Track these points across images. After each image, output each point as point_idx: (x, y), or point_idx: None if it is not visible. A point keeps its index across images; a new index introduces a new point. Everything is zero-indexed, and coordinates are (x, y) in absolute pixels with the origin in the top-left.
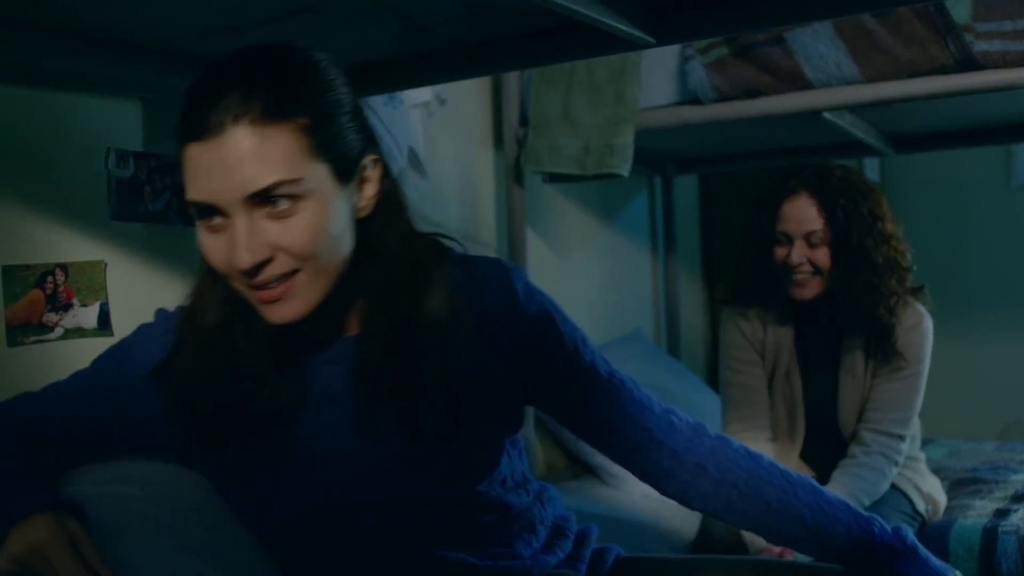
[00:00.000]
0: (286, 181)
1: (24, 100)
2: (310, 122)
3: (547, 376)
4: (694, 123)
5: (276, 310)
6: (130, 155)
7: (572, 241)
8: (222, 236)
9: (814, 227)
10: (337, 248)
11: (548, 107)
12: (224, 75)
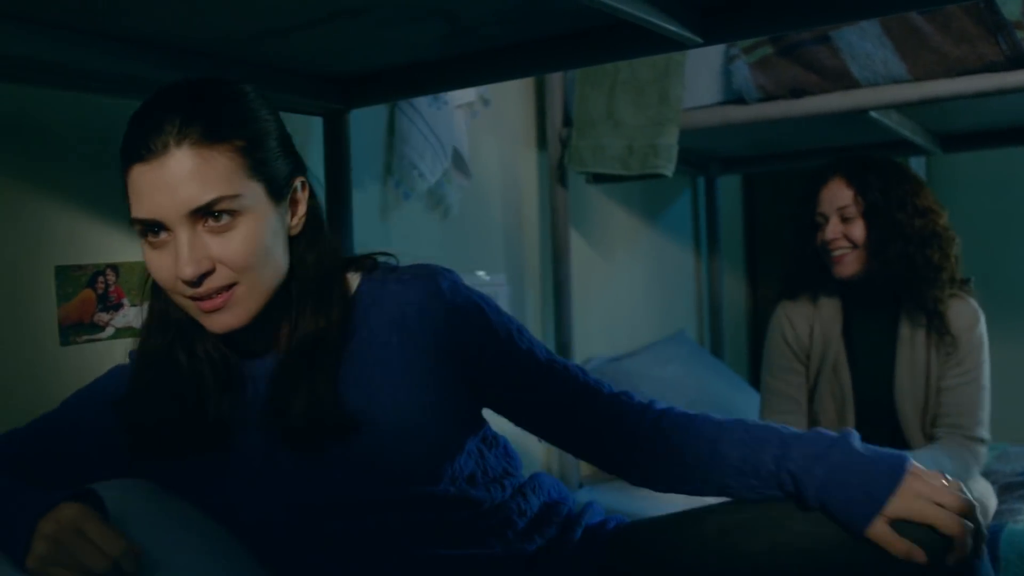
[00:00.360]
0: (226, 197)
1: (76, 104)
2: (244, 145)
3: (486, 368)
4: (738, 123)
5: (217, 319)
6: None
7: (615, 242)
8: (166, 251)
9: (845, 201)
10: (271, 262)
11: (592, 107)
12: (165, 103)
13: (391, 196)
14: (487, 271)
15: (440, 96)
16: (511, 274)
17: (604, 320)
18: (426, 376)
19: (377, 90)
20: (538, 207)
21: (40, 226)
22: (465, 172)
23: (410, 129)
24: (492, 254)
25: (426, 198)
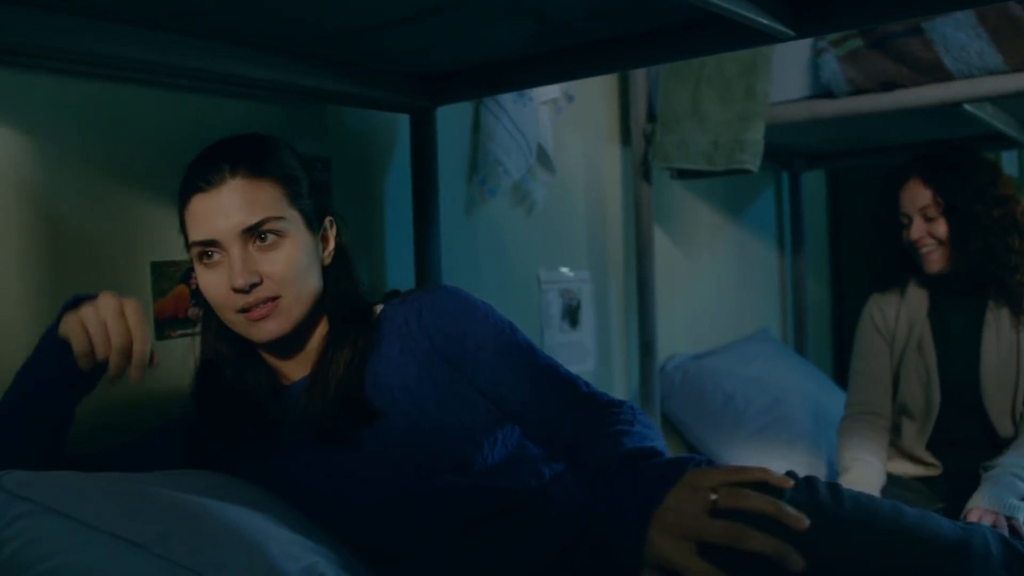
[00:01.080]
0: (272, 218)
1: (171, 102)
2: (283, 179)
3: (466, 349)
4: (826, 118)
5: (263, 327)
6: None
7: (699, 238)
8: (219, 270)
9: (925, 202)
10: (308, 280)
11: (676, 103)
12: (219, 149)
13: (476, 193)
14: (571, 267)
15: (525, 92)
16: (594, 271)
17: (687, 317)
18: (425, 372)
19: (464, 87)
20: (622, 203)
21: (137, 223)
22: (549, 168)
23: (495, 126)
24: (576, 250)
25: (511, 195)
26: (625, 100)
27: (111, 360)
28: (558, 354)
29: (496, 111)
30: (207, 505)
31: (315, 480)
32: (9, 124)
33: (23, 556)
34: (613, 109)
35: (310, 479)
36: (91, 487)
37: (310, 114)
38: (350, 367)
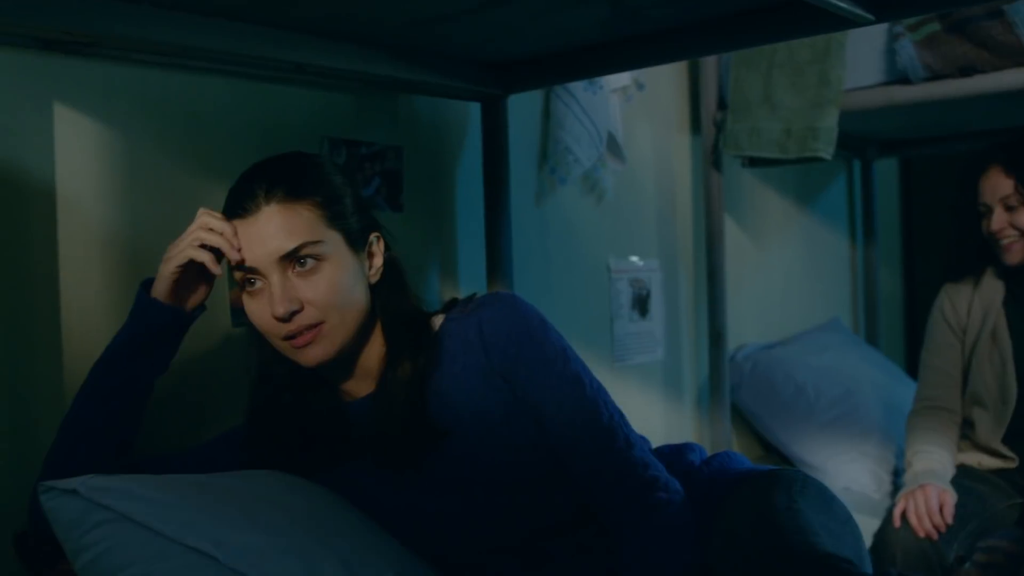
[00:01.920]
0: (309, 243)
1: (246, 93)
2: (322, 200)
3: (521, 378)
4: (902, 104)
5: (308, 353)
6: (342, 143)
7: (769, 227)
8: (262, 298)
9: (1006, 191)
10: (353, 302)
11: (748, 90)
12: (257, 172)
13: (546, 182)
14: (640, 256)
15: (596, 80)
16: (664, 260)
17: (757, 307)
18: (488, 388)
19: (535, 75)
20: (691, 192)
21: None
22: (620, 157)
23: (566, 114)
24: (645, 239)
25: (581, 183)
26: (695, 88)
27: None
28: (627, 344)
29: (567, 99)
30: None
31: (383, 495)
32: (90, 115)
33: (102, 564)
34: (683, 97)
35: (377, 493)
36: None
37: (382, 103)
38: (411, 387)
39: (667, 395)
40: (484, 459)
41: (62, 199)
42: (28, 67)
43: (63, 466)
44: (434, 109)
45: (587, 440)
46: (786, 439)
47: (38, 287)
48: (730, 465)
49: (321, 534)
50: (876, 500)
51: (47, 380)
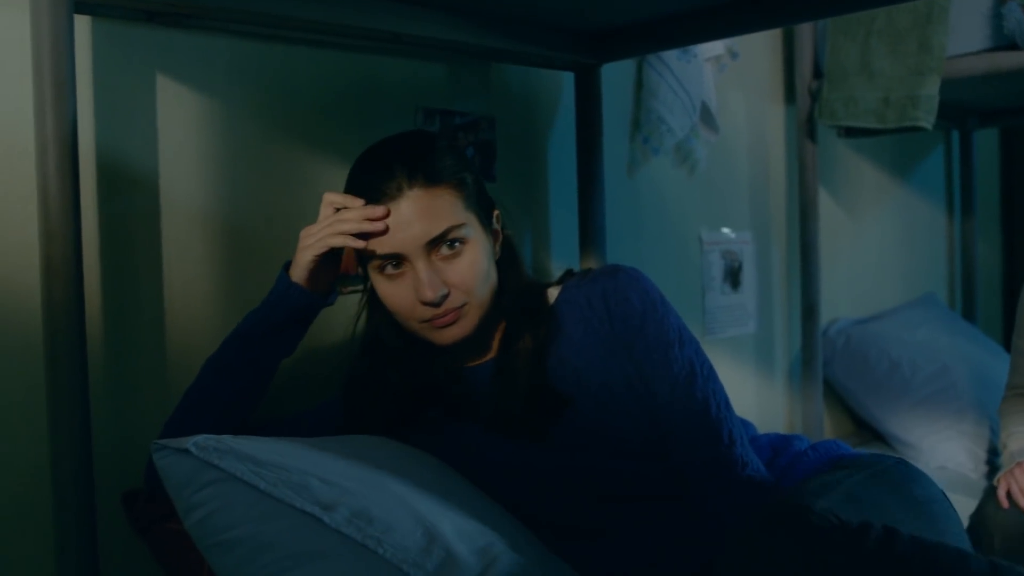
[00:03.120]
0: (455, 226)
1: (345, 62)
2: (459, 183)
3: (640, 356)
4: (1008, 71)
5: (448, 332)
6: (437, 113)
7: (864, 199)
8: (403, 282)
9: None
10: (489, 281)
11: (845, 58)
12: (390, 153)
13: (639, 152)
14: (733, 228)
15: (689, 49)
16: (757, 232)
17: (851, 280)
18: (610, 354)
19: (629, 44)
20: (785, 163)
21: (308, 182)
22: (713, 127)
23: (659, 83)
24: (738, 211)
25: (673, 154)
26: (790, 56)
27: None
28: (719, 317)
29: (660, 68)
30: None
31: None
32: (190, 88)
33: (211, 522)
34: (777, 66)
35: (487, 456)
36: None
37: (475, 73)
38: (532, 357)
39: (758, 369)
40: (603, 425)
41: (163, 173)
42: (131, 40)
43: (181, 432)
44: (527, 79)
45: (694, 430)
46: (880, 416)
47: (141, 259)
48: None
49: (429, 497)
50: (973, 480)
51: (150, 351)
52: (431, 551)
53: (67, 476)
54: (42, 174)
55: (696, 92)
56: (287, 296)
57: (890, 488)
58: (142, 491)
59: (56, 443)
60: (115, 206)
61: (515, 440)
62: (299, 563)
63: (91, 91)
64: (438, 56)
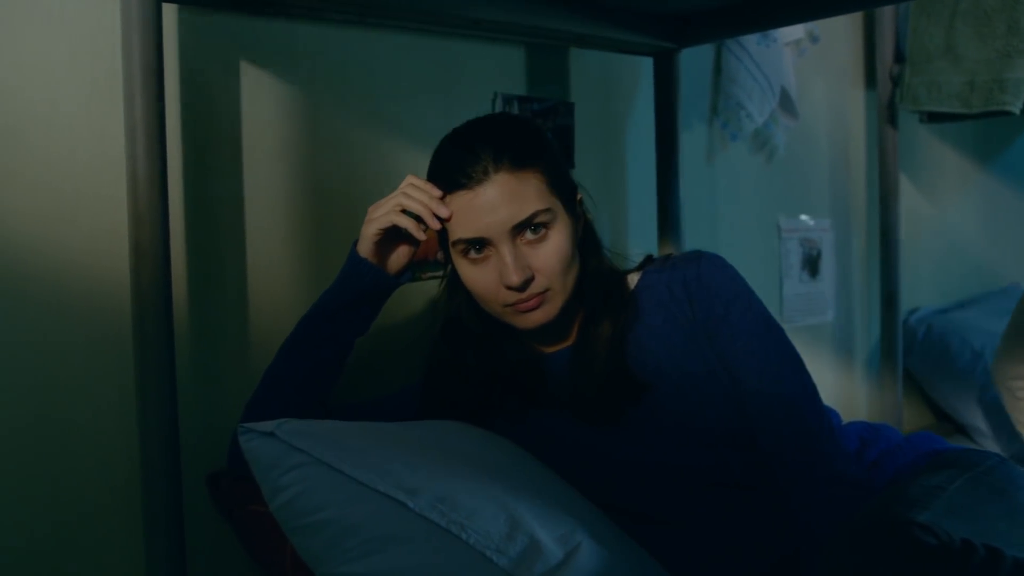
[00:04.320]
0: (541, 211)
1: (425, 48)
2: (545, 167)
3: (723, 343)
4: None
5: (531, 317)
6: (514, 99)
7: (946, 185)
8: (487, 266)
9: None
10: (574, 266)
11: (928, 41)
12: (476, 136)
13: (717, 138)
14: (811, 215)
15: (769, 33)
16: (836, 219)
17: (932, 269)
18: (691, 342)
19: (709, 28)
20: (865, 148)
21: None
22: (792, 112)
23: (738, 68)
24: (817, 198)
25: (752, 140)
26: (871, 40)
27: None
28: (797, 305)
29: (739, 53)
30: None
31: (573, 443)
32: (274, 74)
33: (296, 505)
34: (858, 50)
35: (567, 442)
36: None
37: (553, 58)
38: (612, 342)
39: (837, 358)
40: (683, 413)
41: (247, 158)
42: (216, 27)
43: (261, 414)
44: (605, 65)
45: (782, 421)
46: (960, 407)
47: (225, 244)
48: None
49: (511, 484)
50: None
51: (234, 334)
52: (514, 537)
53: (155, 457)
54: (131, 159)
55: (775, 77)
56: (355, 270)
57: (994, 493)
58: (226, 473)
59: (144, 424)
60: (200, 191)
61: (594, 426)
62: (383, 546)
63: (177, 78)
64: (517, 41)
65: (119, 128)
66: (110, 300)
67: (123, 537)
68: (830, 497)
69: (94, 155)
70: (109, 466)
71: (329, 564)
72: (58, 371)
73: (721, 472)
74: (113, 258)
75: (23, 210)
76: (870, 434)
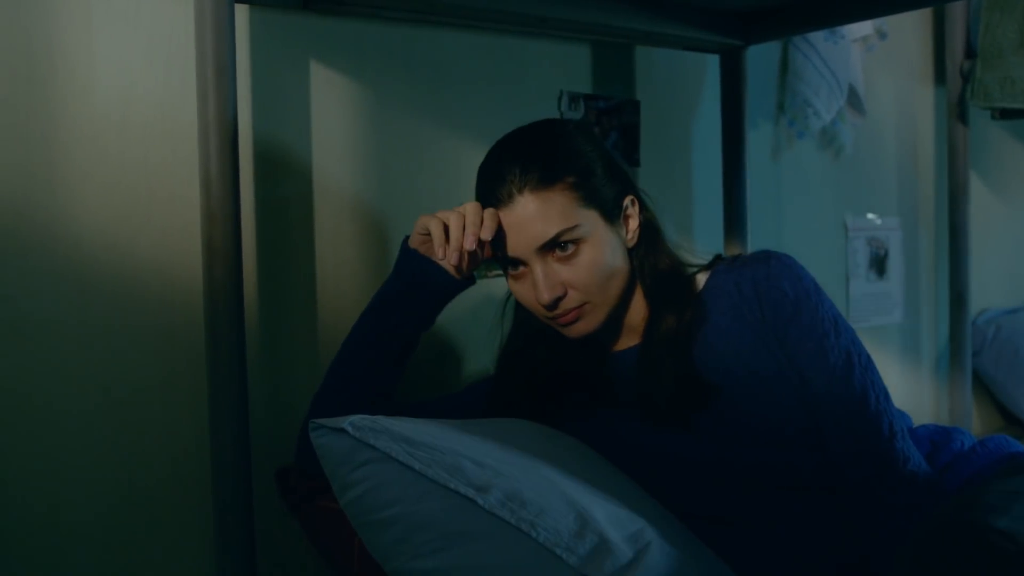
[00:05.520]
0: (566, 229)
1: (492, 46)
2: (575, 180)
3: (792, 346)
4: None
5: (573, 328)
6: (580, 97)
7: (1018, 183)
8: (525, 281)
9: None
10: (614, 276)
11: (1001, 36)
12: (505, 155)
13: (783, 135)
14: (879, 214)
15: (837, 30)
16: (904, 217)
17: (1002, 269)
18: (760, 343)
19: (776, 25)
20: (934, 146)
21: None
22: (860, 109)
23: (804, 65)
24: (884, 196)
25: (819, 137)
26: (940, 35)
27: (452, 237)
28: (864, 305)
29: (806, 50)
30: (535, 463)
31: (639, 443)
32: (343, 74)
33: (366, 501)
34: (927, 46)
35: (633, 441)
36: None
37: (619, 56)
38: (677, 343)
39: (904, 359)
40: (752, 415)
41: (316, 157)
42: (286, 27)
43: (326, 409)
44: (671, 62)
45: (853, 423)
46: None
47: (295, 242)
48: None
49: (579, 482)
50: None
51: (303, 331)
52: (584, 536)
53: (226, 452)
54: (204, 157)
55: (843, 74)
56: (405, 263)
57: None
58: (294, 468)
59: (216, 419)
60: (270, 190)
61: (661, 427)
62: (453, 543)
63: (248, 77)
64: (583, 39)
65: (192, 128)
66: (183, 297)
67: (194, 531)
68: (902, 501)
69: (167, 154)
70: (181, 461)
71: (398, 560)
72: (132, 367)
73: (790, 474)
74: (186, 256)
75: (98, 210)
76: (942, 437)
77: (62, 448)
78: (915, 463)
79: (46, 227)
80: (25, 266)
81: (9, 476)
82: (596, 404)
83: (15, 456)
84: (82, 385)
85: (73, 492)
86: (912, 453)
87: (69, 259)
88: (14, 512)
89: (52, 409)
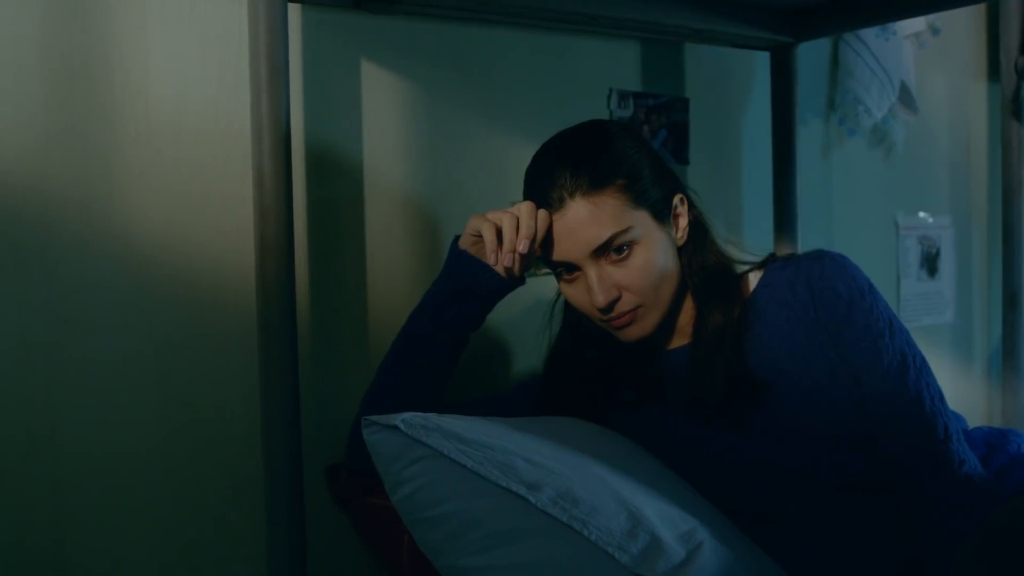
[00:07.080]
0: (619, 232)
1: (542, 44)
2: (626, 183)
3: (845, 346)
4: None
5: (627, 332)
6: (629, 95)
7: None
8: (579, 285)
9: None
10: (667, 278)
11: None
12: (555, 158)
13: (834, 133)
14: (930, 212)
15: (889, 26)
16: (956, 216)
17: None
18: (813, 342)
19: (827, 21)
20: (988, 144)
21: (506, 163)
22: (912, 107)
23: (856, 62)
24: (936, 194)
25: (870, 135)
26: (994, 31)
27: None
28: (914, 305)
29: (857, 46)
30: (587, 461)
31: (689, 441)
32: (394, 72)
33: (419, 498)
34: (981, 42)
35: (687, 442)
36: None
37: (668, 54)
38: (727, 341)
39: (956, 360)
40: (804, 413)
41: (368, 156)
42: (338, 26)
43: (375, 407)
44: (721, 59)
45: (907, 425)
46: None
47: (346, 241)
48: None
49: (630, 481)
50: None
51: (354, 330)
52: (636, 535)
53: (278, 449)
54: (257, 155)
55: (895, 71)
56: (454, 263)
57: None
58: (344, 466)
59: (268, 416)
60: (322, 189)
61: (712, 425)
62: (505, 541)
63: (301, 77)
64: (632, 37)
65: (245, 127)
66: (235, 296)
67: (245, 526)
68: (957, 503)
69: (221, 155)
70: (233, 457)
71: (450, 556)
72: (185, 364)
73: (842, 474)
74: (239, 254)
75: (153, 211)
76: (997, 439)
77: (120, 441)
78: (971, 465)
79: (102, 228)
80: (81, 266)
81: (74, 467)
82: (645, 402)
83: (75, 448)
84: (139, 381)
85: (128, 480)
86: (968, 455)
87: (124, 259)
88: (73, 499)
89: (108, 402)
